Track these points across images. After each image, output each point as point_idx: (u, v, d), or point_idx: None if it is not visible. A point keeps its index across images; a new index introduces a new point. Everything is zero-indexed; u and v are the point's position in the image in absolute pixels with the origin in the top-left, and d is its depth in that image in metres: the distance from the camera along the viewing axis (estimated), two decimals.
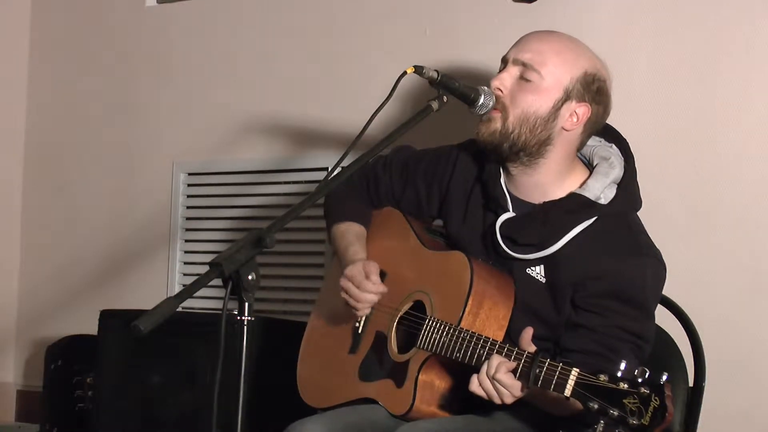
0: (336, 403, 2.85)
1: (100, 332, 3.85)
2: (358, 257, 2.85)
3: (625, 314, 2.59)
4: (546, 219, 2.65)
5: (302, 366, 3.03)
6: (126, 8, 4.65)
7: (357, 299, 2.77)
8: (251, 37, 4.33)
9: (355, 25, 4.08)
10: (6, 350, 4.87)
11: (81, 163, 4.74)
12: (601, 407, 2.26)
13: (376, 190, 2.97)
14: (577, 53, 2.67)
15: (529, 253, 2.67)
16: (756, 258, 3.28)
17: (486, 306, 2.65)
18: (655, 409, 2.21)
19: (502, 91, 2.67)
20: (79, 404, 4.16)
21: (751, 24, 3.32)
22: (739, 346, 3.26)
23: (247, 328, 2.20)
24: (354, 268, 2.79)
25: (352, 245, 2.89)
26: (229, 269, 2.17)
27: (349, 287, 2.77)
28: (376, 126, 2.58)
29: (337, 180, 2.46)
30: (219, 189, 4.39)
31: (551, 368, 2.37)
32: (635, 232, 2.68)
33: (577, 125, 2.67)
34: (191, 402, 3.60)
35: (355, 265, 2.80)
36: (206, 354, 3.55)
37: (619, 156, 2.75)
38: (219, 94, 4.40)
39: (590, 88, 2.66)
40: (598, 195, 2.66)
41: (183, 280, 4.46)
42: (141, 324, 2.07)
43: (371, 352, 2.84)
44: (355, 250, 2.88)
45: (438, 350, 2.63)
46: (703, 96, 3.37)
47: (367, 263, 2.79)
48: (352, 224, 2.96)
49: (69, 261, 4.72)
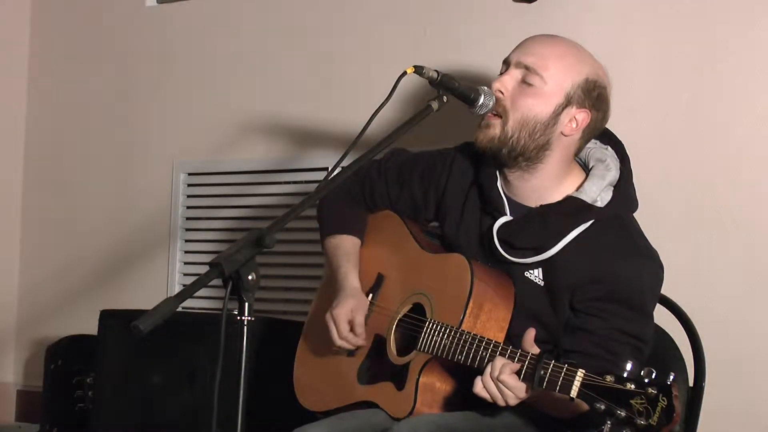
0: (334, 407, 2.85)
1: (100, 332, 3.85)
2: (349, 282, 2.86)
3: (624, 317, 2.58)
4: (543, 222, 2.64)
5: (299, 370, 3.02)
6: (126, 8, 4.65)
7: (334, 339, 2.82)
8: (251, 37, 4.33)
9: (355, 25, 4.08)
10: (6, 350, 4.87)
11: (81, 163, 4.74)
12: (608, 408, 2.26)
13: (371, 195, 2.96)
14: (579, 59, 2.67)
15: (526, 257, 2.67)
16: (756, 258, 3.28)
17: (486, 308, 2.65)
18: (663, 409, 2.20)
19: (503, 94, 2.66)
20: (79, 404, 4.16)
21: (751, 24, 3.32)
22: (739, 346, 3.26)
23: (247, 328, 2.20)
24: (341, 310, 2.81)
25: (342, 266, 2.90)
26: (229, 269, 2.16)
27: (331, 328, 2.81)
28: (376, 126, 2.58)
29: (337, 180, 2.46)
30: (219, 189, 4.39)
31: (556, 369, 2.37)
32: (632, 234, 2.68)
33: (576, 131, 2.67)
34: (191, 402, 3.60)
35: (343, 307, 2.81)
36: (206, 354, 3.55)
37: (614, 158, 2.74)
38: (219, 94, 4.40)
39: (591, 95, 2.65)
40: (595, 198, 2.65)
41: (183, 280, 4.46)
42: (141, 324, 2.07)
43: (370, 355, 2.83)
44: (346, 271, 2.88)
45: (439, 353, 2.63)
46: (703, 96, 3.37)
47: (356, 308, 2.81)
48: (345, 238, 2.95)
49: (69, 261, 4.72)
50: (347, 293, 2.84)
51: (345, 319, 2.80)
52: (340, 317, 2.80)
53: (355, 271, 2.89)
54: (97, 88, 4.71)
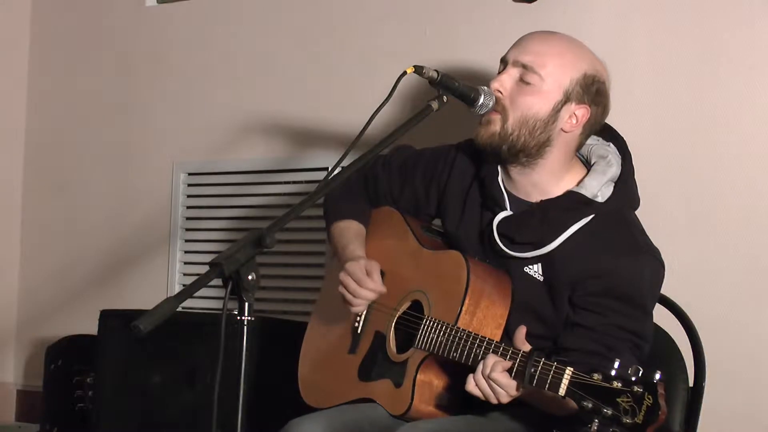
0: (336, 404, 2.85)
1: (100, 332, 3.85)
2: (357, 255, 2.84)
3: (623, 313, 2.58)
4: (543, 217, 2.65)
5: (303, 367, 3.03)
6: (126, 8, 4.65)
7: (355, 294, 2.75)
8: (251, 37, 4.33)
9: (355, 25, 4.08)
10: (6, 350, 4.87)
11: (81, 163, 4.74)
12: (595, 406, 2.26)
13: (375, 190, 2.97)
14: (576, 55, 2.67)
15: (526, 252, 2.67)
16: (756, 258, 3.28)
17: (483, 305, 2.65)
18: (649, 407, 2.21)
19: (502, 93, 2.66)
20: (79, 404, 4.16)
21: (751, 24, 3.32)
22: (739, 346, 3.26)
23: (247, 328, 2.20)
24: (355, 264, 2.77)
25: (350, 243, 2.89)
26: (229, 269, 2.17)
27: (348, 282, 2.76)
28: (376, 126, 2.58)
29: (337, 180, 2.46)
30: (219, 189, 4.39)
31: (546, 367, 2.37)
32: (633, 230, 2.68)
33: (576, 127, 2.67)
34: (191, 402, 3.60)
35: (357, 261, 2.79)
36: (206, 354, 3.55)
37: (616, 154, 2.75)
38: (219, 94, 4.40)
39: (590, 90, 2.66)
40: (596, 193, 2.66)
41: (183, 280, 4.46)
42: (141, 324, 2.07)
43: (370, 352, 2.84)
44: (354, 248, 2.87)
45: (435, 350, 2.63)
46: (703, 96, 3.37)
47: (369, 261, 2.79)
48: (351, 222, 2.95)
49: (69, 261, 4.73)
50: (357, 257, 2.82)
51: (362, 268, 2.75)
52: (354, 268, 2.75)
53: (362, 250, 2.87)
54: (97, 88, 4.71)
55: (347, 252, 2.87)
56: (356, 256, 2.83)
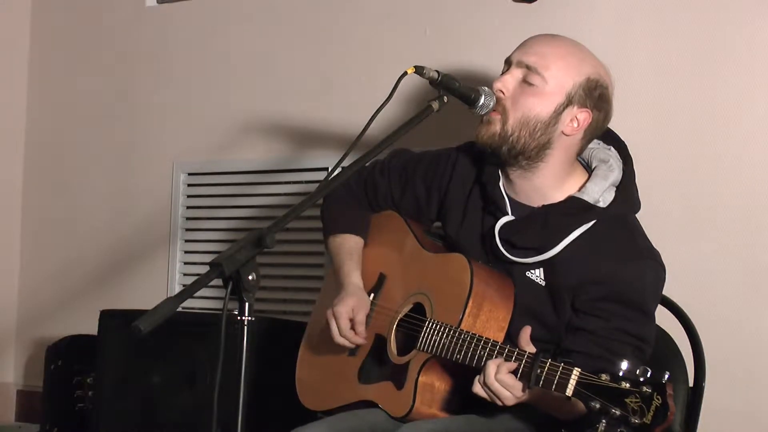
0: (335, 406, 2.85)
1: (100, 332, 3.85)
2: (350, 281, 2.86)
3: (625, 317, 2.58)
4: (545, 222, 2.64)
5: (301, 369, 3.02)
6: (126, 8, 4.66)
7: (334, 336, 2.81)
8: (251, 37, 4.33)
9: (355, 25, 4.08)
10: (6, 350, 4.87)
11: (81, 163, 4.74)
12: (602, 406, 2.26)
13: (375, 195, 2.96)
14: (581, 58, 2.67)
15: (528, 257, 2.67)
16: (756, 258, 3.28)
17: (486, 308, 2.65)
18: (657, 408, 2.20)
19: (504, 93, 2.66)
20: (79, 404, 4.16)
21: (751, 24, 3.32)
22: (739, 346, 3.26)
23: (247, 328, 2.20)
24: (342, 308, 2.81)
25: (344, 264, 2.91)
26: (229, 269, 2.17)
27: (332, 324, 2.81)
28: (377, 126, 2.58)
29: (337, 180, 2.46)
30: (219, 189, 4.39)
31: (552, 368, 2.37)
32: (634, 234, 2.67)
33: (577, 131, 2.66)
34: (191, 402, 3.60)
35: (345, 303, 2.81)
36: (206, 354, 3.55)
37: (617, 159, 2.74)
38: (219, 94, 4.40)
39: (592, 95, 2.65)
40: (597, 198, 2.65)
41: (183, 280, 4.46)
42: (141, 324, 2.07)
43: (371, 355, 2.84)
44: (348, 269, 2.89)
45: (438, 352, 2.63)
46: (703, 96, 3.37)
47: (357, 306, 2.81)
48: (348, 237, 2.95)
49: (69, 261, 4.73)
50: (349, 291, 2.85)
51: (346, 317, 2.80)
52: (341, 314, 2.80)
53: (358, 270, 2.90)
54: (97, 88, 4.71)
55: (342, 273, 2.89)
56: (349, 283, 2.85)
